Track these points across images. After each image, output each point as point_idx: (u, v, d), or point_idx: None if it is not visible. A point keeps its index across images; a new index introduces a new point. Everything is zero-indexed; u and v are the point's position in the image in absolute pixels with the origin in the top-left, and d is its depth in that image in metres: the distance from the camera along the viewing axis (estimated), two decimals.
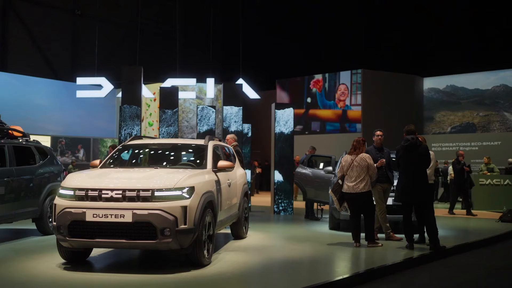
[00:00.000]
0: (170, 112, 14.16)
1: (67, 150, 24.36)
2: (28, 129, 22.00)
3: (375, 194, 9.02)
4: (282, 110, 13.99)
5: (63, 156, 23.77)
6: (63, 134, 24.34)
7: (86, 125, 24.98)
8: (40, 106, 23.79)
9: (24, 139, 9.13)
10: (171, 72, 22.33)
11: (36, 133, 22.98)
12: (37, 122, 23.35)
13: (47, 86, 24.34)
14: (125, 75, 14.20)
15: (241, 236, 8.96)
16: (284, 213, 13.68)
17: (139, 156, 7.85)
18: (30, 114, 23.14)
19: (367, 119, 22.07)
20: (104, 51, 25.75)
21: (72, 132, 24.56)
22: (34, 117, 23.27)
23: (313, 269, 6.92)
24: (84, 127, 24.85)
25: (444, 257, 8.13)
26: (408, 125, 8.46)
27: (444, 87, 24.02)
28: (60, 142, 24.21)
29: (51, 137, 23.84)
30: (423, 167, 8.16)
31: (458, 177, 14.58)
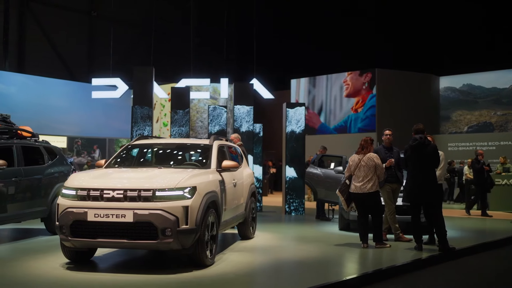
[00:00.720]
0: (182, 113, 14.17)
1: (83, 151, 24.59)
2: (45, 130, 22.59)
3: (384, 194, 8.91)
4: (294, 109, 13.93)
5: (79, 156, 23.99)
6: (79, 135, 24.57)
7: (102, 126, 25.16)
8: (56, 107, 24.04)
9: (33, 139, 9.17)
10: (185, 73, 22.38)
11: (52, 134, 23.32)
12: (53, 123, 23.62)
13: (64, 87, 24.59)
14: (136, 76, 14.25)
15: (248, 236, 8.90)
16: (295, 213, 13.60)
17: (144, 156, 7.85)
18: (47, 115, 23.41)
19: (381, 119, 21.84)
20: (119, 52, 25.90)
21: (88, 133, 24.77)
22: (50, 118, 23.54)
23: (317, 270, 6.82)
24: (99, 128, 25.04)
25: (453, 259, 7.99)
26: (417, 124, 8.32)
27: (460, 86, 23.69)
28: (76, 142, 24.45)
29: (67, 137, 24.10)
30: (432, 167, 8.03)
31: (478, 177, 14.31)
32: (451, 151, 21.78)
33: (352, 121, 23.08)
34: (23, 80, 23.37)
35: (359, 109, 22.93)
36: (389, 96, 22.42)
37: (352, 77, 23.22)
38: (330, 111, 24.34)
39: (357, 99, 23.13)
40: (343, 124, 23.48)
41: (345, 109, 23.75)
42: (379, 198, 8.31)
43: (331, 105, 24.30)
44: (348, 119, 23.34)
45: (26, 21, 24.52)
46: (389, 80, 22.62)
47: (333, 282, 5.84)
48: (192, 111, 24.74)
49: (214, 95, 23.55)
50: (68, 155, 22.35)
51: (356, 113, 23.06)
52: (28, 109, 22.80)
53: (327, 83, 24.50)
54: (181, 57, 26.47)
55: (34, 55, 24.71)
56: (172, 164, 7.39)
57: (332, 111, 24.28)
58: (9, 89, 22.74)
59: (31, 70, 24.18)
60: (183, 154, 7.89)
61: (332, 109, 24.25)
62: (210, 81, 20.39)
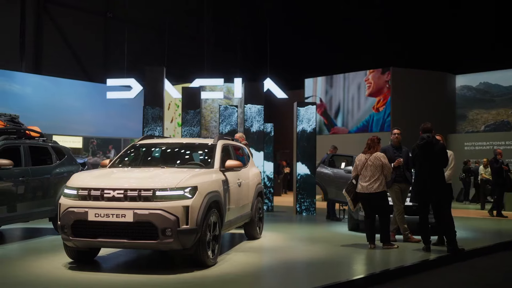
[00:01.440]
0: (193, 113, 14.14)
1: (99, 151, 24.76)
2: (61, 130, 22.81)
3: (392, 195, 8.79)
4: (305, 108, 13.85)
5: (95, 157, 24.15)
6: (94, 135, 24.75)
7: (117, 126, 25.32)
8: (72, 107, 24.25)
9: (41, 139, 9.23)
10: (199, 73, 22.42)
11: (68, 134, 23.60)
12: (69, 123, 23.83)
13: (79, 87, 24.81)
14: (148, 76, 14.28)
15: (255, 236, 8.85)
16: (306, 213, 13.51)
17: (148, 156, 7.83)
18: (63, 116, 23.64)
19: (396, 119, 21.60)
20: (134, 52, 26.08)
21: (103, 133, 24.94)
22: (66, 118, 23.76)
23: (321, 270, 6.74)
24: (115, 128, 25.20)
25: (462, 260, 7.84)
26: (425, 123, 8.18)
27: (477, 85, 23.32)
28: (91, 142, 24.64)
29: (83, 137, 24.31)
30: (439, 167, 7.88)
31: (497, 177, 14.02)
32: (468, 151, 21.47)
33: (374, 121, 22.81)
34: (39, 81, 23.63)
35: (380, 108, 22.67)
36: (405, 95, 22.17)
37: (374, 75, 22.94)
38: (348, 111, 24.14)
39: (378, 98, 22.86)
40: (365, 124, 23.22)
41: (364, 108, 23.50)
42: (386, 198, 8.19)
43: (349, 105, 24.10)
44: (370, 119, 23.08)
45: (43, 23, 24.78)
46: (404, 79, 22.37)
47: (336, 282, 5.76)
48: (206, 111, 24.74)
49: (228, 95, 23.51)
50: (83, 155, 22.54)
51: (377, 112, 22.80)
52: (43, 109, 23.07)
53: (344, 83, 24.30)
54: (195, 57, 26.53)
55: (50, 56, 24.96)
56: (176, 164, 7.35)
57: (350, 111, 24.08)
58: (25, 90, 23.02)
59: (47, 71, 24.44)
60: (187, 154, 7.85)
61: (350, 109, 24.05)
62: (223, 81, 20.37)
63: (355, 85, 23.86)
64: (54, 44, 25.07)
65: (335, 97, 24.62)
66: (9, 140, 8.28)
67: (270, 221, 12.02)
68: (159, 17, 27.45)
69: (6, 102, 21.98)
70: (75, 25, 25.73)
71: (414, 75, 22.44)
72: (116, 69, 24.95)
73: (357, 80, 23.78)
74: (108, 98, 21.01)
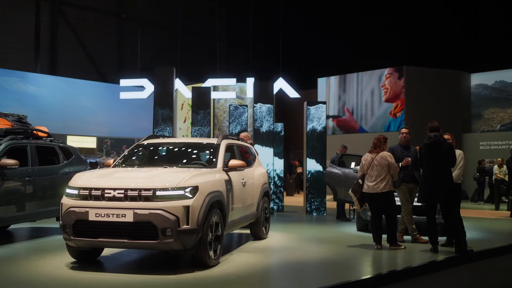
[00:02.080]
0: (203, 113, 14.07)
1: (112, 151, 24.91)
2: (75, 130, 22.98)
3: (400, 195, 8.68)
4: (315, 107, 13.77)
5: (108, 157, 24.28)
6: (108, 135, 24.91)
7: (131, 126, 25.45)
8: (86, 107, 24.45)
9: (49, 139, 9.28)
10: (212, 73, 22.42)
11: (82, 134, 23.78)
12: (83, 124, 24.04)
13: (93, 88, 25.02)
14: (158, 76, 14.29)
15: (261, 236, 8.79)
16: (316, 213, 13.42)
17: (151, 156, 7.81)
18: (77, 116, 23.85)
19: (410, 118, 21.37)
20: (148, 53, 26.20)
21: (117, 133, 25.09)
22: (80, 119, 23.96)
23: (324, 271, 6.68)
24: (128, 128, 25.33)
25: (471, 261, 7.69)
26: (432, 121, 8.05)
27: (492, 83, 22.93)
28: (105, 142, 24.79)
29: (97, 137, 24.48)
30: (447, 166, 7.74)
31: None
32: (483, 150, 21.17)
33: (391, 127, 22.50)
34: (54, 81, 23.86)
35: (398, 114, 22.38)
36: (418, 94, 21.91)
37: (391, 80, 22.65)
38: (361, 116, 23.94)
39: (395, 103, 22.59)
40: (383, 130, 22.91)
41: (378, 113, 23.25)
42: (392, 198, 8.07)
43: (363, 110, 23.89)
44: (388, 124, 22.77)
45: (57, 24, 25.00)
46: (418, 77, 22.11)
47: (338, 284, 5.68)
48: (219, 111, 24.79)
49: (241, 95, 23.52)
50: (97, 155, 22.68)
51: (395, 118, 22.54)
52: (58, 110, 23.29)
53: (358, 88, 24.06)
54: (207, 57, 26.55)
55: (65, 57, 25.18)
56: (179, 164, 7.32)
57: (363, 116, 23.88)
58: (40, 91, 23.25)
59: (62, 72, 24.66)
60: (191, 154, 7.82)
61: (364, 114, 23.84)
62: (236, 81, 20.33)
63: (369, 90, 23.59)
64: (68, 45, 25.28)
65: (348, 102, 24.40)
66: (15, 140, 8.33)
67: (279, 221, 11.97)
68: (173, 18, 27.55)
69: (21, 103, 22.22)
70: (90, 26, 25.93)
71: (428, 73, 22.16)
72: (130, 69, 25.10)
73: (371, 85, 23.54)
74: (121, 99, 21.15)
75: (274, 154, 14.12)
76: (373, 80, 23.43)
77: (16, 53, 23.22)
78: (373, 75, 23.45)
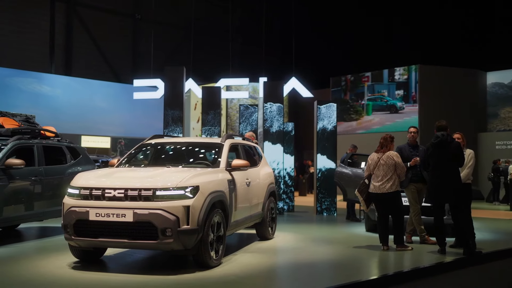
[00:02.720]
0: (213, 113, 14.01)
1: (126, 151, 25.00)
2: (89, 131, 23.13)
3: (409, 195, 8.56)
4: (326, 106, 13.66)
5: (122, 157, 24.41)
6: (122, 135, 25.05)
7: (144, 126, 25.53)
8: (100, 108, 24.64)
9: (56, 139, 9.32)
10: (225, 72, 22.41)
11: (96, 134, 23.95)
12: (97, 124, 24.23)
13: (107, 88, 25.22)
14: (168, 76, 14.27)
15: (267, 237, 8.72)
16: (327, 213, 13.31)
17: (155, 155, 7.80)
18: (91, 116, 24.06)
19: (424, 117, 21.13)
20: (163, 53, 26.31)
21: (131, 133, 25.21)
22: (94, 119, 24.17)
23: (326, 273, 6.59)
24: (142, 128, 25.42)
25: (479, 263, 7.53)
26: (439, 120, 7.91)
27: (509, 82, 22.54)
28: (119, 142, 24.93)
29: (111, 138, 24.63)
30: (454, 166, 7.59)
31: None
32: (499, 150, 20.84)
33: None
34: (68, 82, 24.07)
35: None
36: (433, 93, 21.65)
37: None
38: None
39: None
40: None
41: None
42: (399, 198, 7.95)
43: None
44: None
45: (72, 25, 25.22)
46: (432, 76, 21.85)
47: (339, 285, 5.60)
48: (232, 110, 24.77)
49: (254, 95, 23.48)
50: (112, 155, 22.81)
51: None
52: (73, 110, 23.49)
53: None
54: (221, 57, 26.55)
55: (80, 58, 25.40)
56: (182, 163, 7.29)
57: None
58: (55, 91, 23.48)
59: (77, 72, 24.88)
60: (195, 153, 7.79)
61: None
62: (249, 81, 20.30)
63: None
64: (83, 46, 25.50)
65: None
66: (22, 140, 8.38)
67: (287, 221, 11.90)
68: (186, 18, 27.60)
69: (36, 103, 22.47)
70: (104, 27, 26.13)
71: (443, 72, 21.89)
72: (144, 70, 25.22)
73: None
74: (135, 99, 21.25)
75: (284, 153, 14.03)
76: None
77: (31, 54, 23.47)
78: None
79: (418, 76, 21.81)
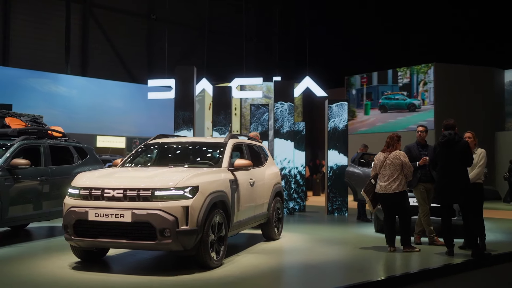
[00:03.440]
0: (223, 113, 13.91)
1: None
2: (104, 131, 23.24)
3: (418, 195, 8.41)
4: (337, 104, 13.52)
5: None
6: (137, 135, 25.15)
7: (159, 126, 25.56)
8: (116, 108, 24.80)
9: (63, 139, 9.35)
10: (239, 72, 22.39)
11: (111, 134, 24.09)
12: (112, 124, 24.37)
13: (123, 88, 25.37)
14: (178, 76, 14.23)
15: (273, 237, 8.63)
16: (337, 213, 13.17)
17: (158, 155, 7.77)
18: (106, 116, 24.22)
19: (440, 117, 20.80)
20: (177, 53, 26.39)
21: (146, 133, 25.24)
22: (110, 119, 24.33)
23: (329, 274, 6.47)
24: (157, 128, 25.39)
25: (488, 266, 7.35)
26: (447, 119, 7.75)
27: None
28: (134, 142, 25.03)
29: (126, 137, 24.76)
30: (462, 166, 7.41)
31: None
32: None
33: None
34: (84, 83, 24.26)
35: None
36: (449, 92, 21.33)
37: None
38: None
39: None
40: None
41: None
42: (406, 198, 7.80)
43: None
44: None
45: (88, 26, 25.41)
46: (448, 74, 21.53)
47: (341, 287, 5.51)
48: (246, 110, 24.69)
49: (268, 94, 23.40)
50: (126, 155, 22.92)
51: None
52: (88, 110, 23.67)
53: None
54: (235, 57, 26.54)
55: (95, 59, 25.58)
56: (185, 163, 7.24)
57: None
58: (71, 92, 23.67)
59: (92, 73, 25.07)
60: (198, 153, 7.74)
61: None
62: (262, 80, 20.23)
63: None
64: (99, 46, 25.67)
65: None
66: (28, 140, 8.42)
67: (297, 222, 11.82)
68: (200, 18, 27.65)
69: (52, 104, 22.69)
70: (120, 27, 26.28)
71: (459, 70, 21.55)
72: (159, 70, 25.33)
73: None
74: (149, 99, 21.33)
75: (295, 153, 13.93)
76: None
77: (47, 55, 23.70)
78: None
79: (434, 75, 21.50)
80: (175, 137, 8.37)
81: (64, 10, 24.30)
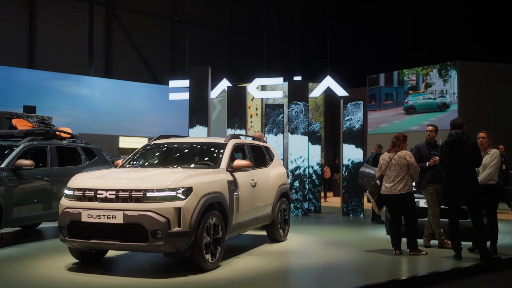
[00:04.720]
0: (238, 117, 13.76)
1: None
2: (126, 131, 23.41)
3: (427, 196, 8.16)
4: (353, 104, 13.29)
5: None
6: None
7: (182, 127, 25.66)
8: (138, 109, 25.01)
9: (71, 140, 9.40)
10: (260, 72, 22.26)
11: (133, 135, 24.29)
12: (135, 125, 24.59)
13: (145, 90, 25.60)
14: (193, 77, 14.17)
15: (278, 239, 8.50)
16: (353, 214, 12.94)
17: (158, 156, 7.72)
18: (129, 117, 24.45)
19: (463, 116, 20.28)
20: (199, 54, 26.45)
21: (168, 134, 25.38)
22: (132, 120, 24.55)
23: (328, 278, 6.31)
24: (179, 129, 25.53)
25: (497, 270, 7.07)
26: (455, 118, 7.50)
27: None
28: None
29: (148, 138, 24.88)
30: (470, 166, 7.14)
31: None
32: None
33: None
34: (107, 84, 24.55)
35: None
36: (473, 91, 20.79)
37: None
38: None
39: None
40: None
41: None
42: (412, 200, 7.57)
43: None
44: None
45: (111, 28, 25.67)
46: (472, 73, 20.99)
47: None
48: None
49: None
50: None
51: None
52: (111, 112, 23.95)
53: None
54: (256, 56, 26.44)
55: (118, 60, 25.83)
56: (184, 164, 7.18)
57: None
58: (94, 94, 23.97)
59: (115, 74, 25.34)
60: (198, 154, 7.66)
61: None
62: (283, 80, 20.07)
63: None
64: (122, 48, 25.91)
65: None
66: (34, 141, 8.48)
67: (309, 223, 11.67)
68: (223, 19, 27.64)
69: (76, 106, 23.04)
70: (143, 29, 26.47)
71: (483, 68, 20.99)
72: (181, 71, 25.40)
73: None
74: (171, 100, 21.41)
75: (310, 152, 13.74)
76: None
77: (71, 57, 24.02)
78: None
79: (457, 73, 21.00)
80: (177, 138, 8.30)
81: (88, 13, 24.61)
